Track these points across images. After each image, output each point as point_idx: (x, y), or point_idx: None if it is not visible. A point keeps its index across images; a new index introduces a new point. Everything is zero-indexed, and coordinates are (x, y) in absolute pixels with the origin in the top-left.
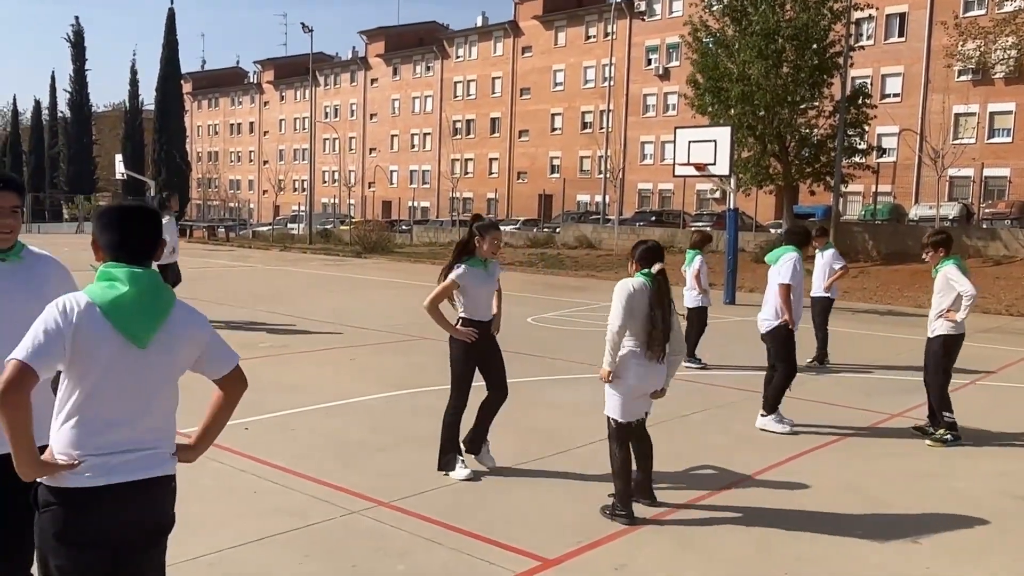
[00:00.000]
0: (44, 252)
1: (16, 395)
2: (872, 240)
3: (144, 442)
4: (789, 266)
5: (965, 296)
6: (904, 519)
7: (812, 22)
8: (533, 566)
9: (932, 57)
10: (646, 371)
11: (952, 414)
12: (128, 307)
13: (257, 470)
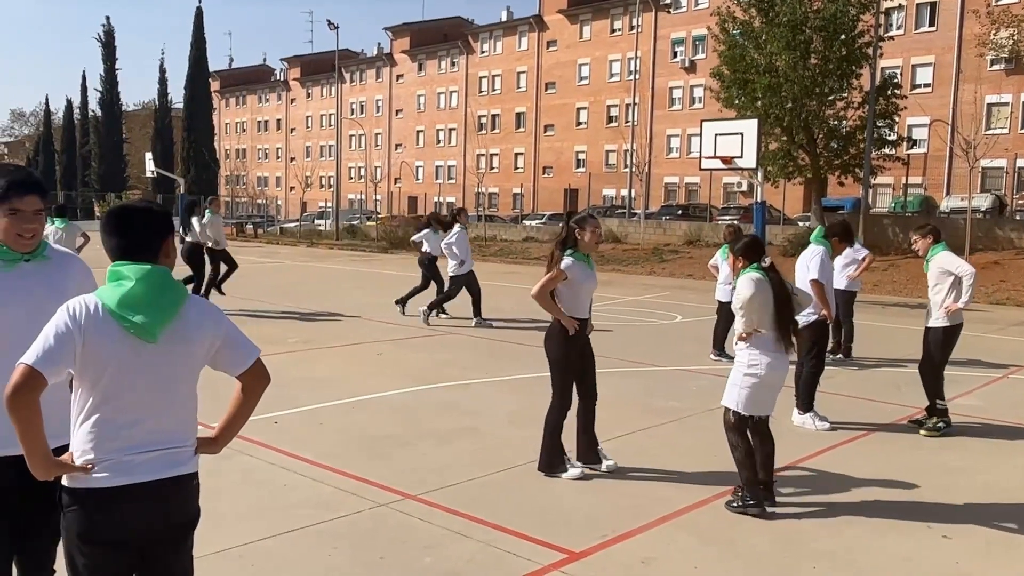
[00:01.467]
0: (67, 251)
1: (24, 398)
2: (903, 233)
3: (163, 441)
4: (817, 261)
5: (966, 276)
6: (933, 513)
7: (840, 12)
8: (560, 559)
9: (964, 46)
10: (777, 362)
11: (944, 402)
12: (135, 303)
13: (286, 463)
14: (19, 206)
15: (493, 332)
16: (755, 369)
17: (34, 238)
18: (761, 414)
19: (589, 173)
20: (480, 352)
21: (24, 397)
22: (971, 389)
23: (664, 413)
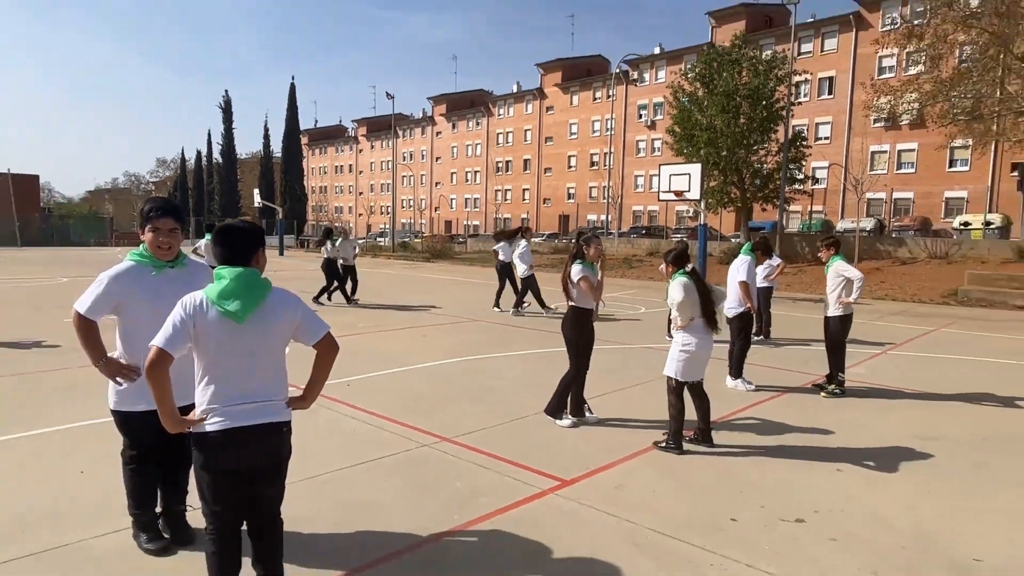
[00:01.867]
0: (200, 261)
1: (157, 370)
2: (808, 246)
3: (256, 396)
4: (744, 267)
5: (857, 280)
6: (830, 453)
7: (762, 85)
8: (555, 484)
9: (854, 109)
10: (704, 341)
11: (843, 374)
12: (229, 295)
13: (356, 415)
14: (158, 225)
15: (503, 319)
16: (688, 347)
17: (171, 249)
18: (694, 379)
19: (577, 203)
20: (495, 334)
21: (156, 370)
22: (859, 362)
23: (633, 379)
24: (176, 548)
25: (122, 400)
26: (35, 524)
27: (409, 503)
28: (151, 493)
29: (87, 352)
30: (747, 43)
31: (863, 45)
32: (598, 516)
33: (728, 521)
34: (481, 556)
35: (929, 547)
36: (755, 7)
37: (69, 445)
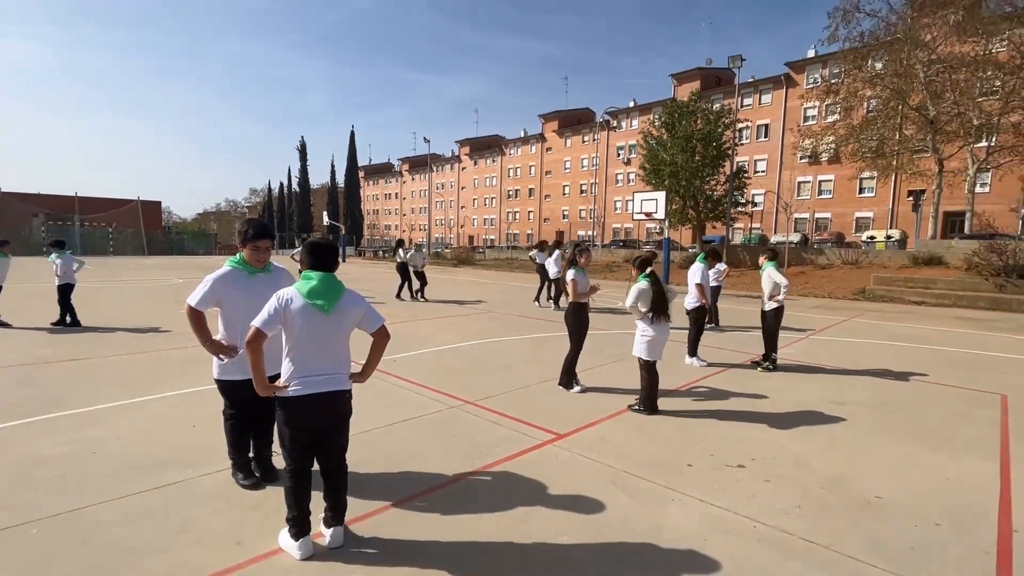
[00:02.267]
0: (282, 266)
1: (254, 345)
2: (749, 256)
3: (328, 370)
4: (699, 272)
5: (783, 285)
6: (764, 416)
7: (712, 131)
8: (552, 437)
9: (784, 149)
10: (660, 328)
11: (776, 354)
12: (316, 293)
13: (401, 384)
14: (257, 244)
15: (517, 309)
16: (647, 333)
17: (263, 261)
18: (654, 358)
19: (570, 222)
20: (510, 322)
21: (254, 345)
22: (788, 344)
23: (612, 357)
24: (264, 484)
25: (223, 371)
26: (162, 465)
27: (441, 451)
28: (245, 442)
29: (197, 335)
30: (701, 98)
31: (791, 99)
32: (585, 461)
33: (686, 466)
34: (496, 491)
35: (841, 487)
36: (707, 70)
37: (184, 406)
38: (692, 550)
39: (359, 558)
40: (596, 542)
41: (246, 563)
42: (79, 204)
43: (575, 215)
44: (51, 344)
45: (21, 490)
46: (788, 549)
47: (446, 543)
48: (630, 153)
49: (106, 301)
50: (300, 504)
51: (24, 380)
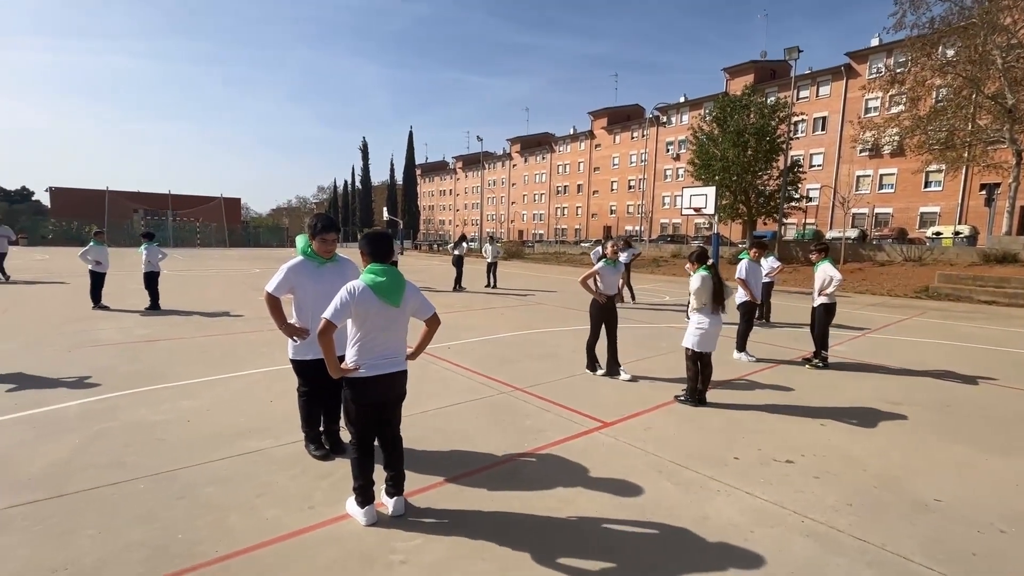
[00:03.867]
0: (346, 257)
1: (325, 336)
2: (802, 252)
3: (390, 354)
4: (742, 267)
5: (835, 280)
6: (815, 411)
7: (766, 124)
8: (599, 425)
9: (843, 142)
10: (714, 320)
11: (826, 351)
12: (385, 287)
13: (454, 370)
14: (325, 237)
15: (565, 302)
16: (702, 325)
17: (330, 252)
18: (706, 351)
19: (617, 217)
20: (557, 314)
21: (325, 336)
22: (841, 342)
23: (659, 350)
24: (332, 456)
25: (296, 352)
26: (244, 434)
27: (491, 433)
28: (316, 416)
29: (274, 319)
30: (755, 91)
31: (852, 90)
32: (631, 449)
33: (732, 459)
34: (544, 473)
35: (896, 487)
36: (761, 63)
37: (261, 383)
38: (736, 540)
39: (418, 527)
40: (640, 526)
41: (318, 525)
42: (172, 201)
43: (623, 210)
44: (147, 325)
45: (130, 450)
46: (837, 545)
47: (496, 518)
48: (679, 148)
49: (193, 288)
50: (365, 474)
51: (130, 356)
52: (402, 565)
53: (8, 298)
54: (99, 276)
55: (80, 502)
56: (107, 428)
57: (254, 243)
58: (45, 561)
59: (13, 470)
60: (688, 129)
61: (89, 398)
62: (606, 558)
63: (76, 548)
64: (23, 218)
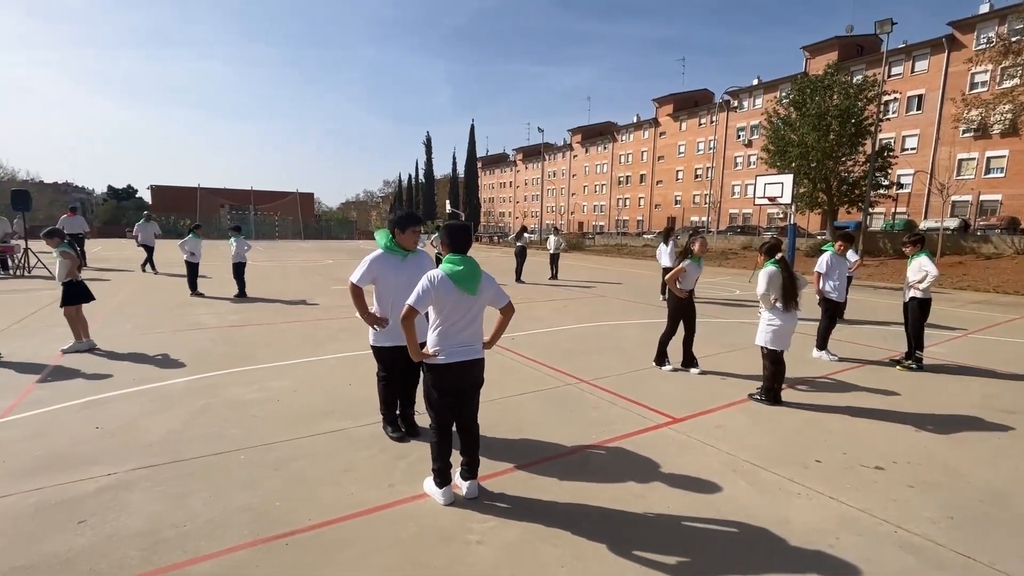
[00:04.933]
0: (423, 250)
1: (408, 321)
2: (890, 243)
3: (468, 342)
4: (822, 261)
5: (931, 276)
6: (909, 416)
7: (851, 105)
8: (668, 420)
9: (942, 122)
10: (787, 317)
11: (922, 352)
12: (463, 276)
13: (519, 360)
14: (415, 229)
15: (628, 295)
16: (773, 322)
17: (415, 243)
18: (780, 348)
19: (682, 208)
20: (620, 307)
21: (408, 321)
22: (938, 343)
23: (729, 346)
24: (408, 438)
25: (377, 339)
26: (327, 414)
27: (558, 423)
28: (394, 400)
29: (357, 307)
30: (839, 70)
31: (955, 64)
32: (702, 446)
33: (813, 462)
34: (613, 465)
35: (1005, 503)
36: (847, 39)
37: (340, 367)
38: (821, 546)
39: (492, 510)
40: (715, 524)
41: (398, 502)
42: (253, 196)
43: (688, 200)
44: (238, 312)
45: (230, 424)
46: (937, 560)
47: (567, 507)
48: (752, 134)
49: (274, 278)
50: (444, 457)
51: (225, 339)
52: (479, 545)
53: (120, 285)
54: (193, 266)
55: (192, 468)
56: (209, 404)
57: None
58: (167, 518)
59: (138, 436)
60: (762, 113)
61: (192, 376)
62: (681, 553)
63: (191, 509)
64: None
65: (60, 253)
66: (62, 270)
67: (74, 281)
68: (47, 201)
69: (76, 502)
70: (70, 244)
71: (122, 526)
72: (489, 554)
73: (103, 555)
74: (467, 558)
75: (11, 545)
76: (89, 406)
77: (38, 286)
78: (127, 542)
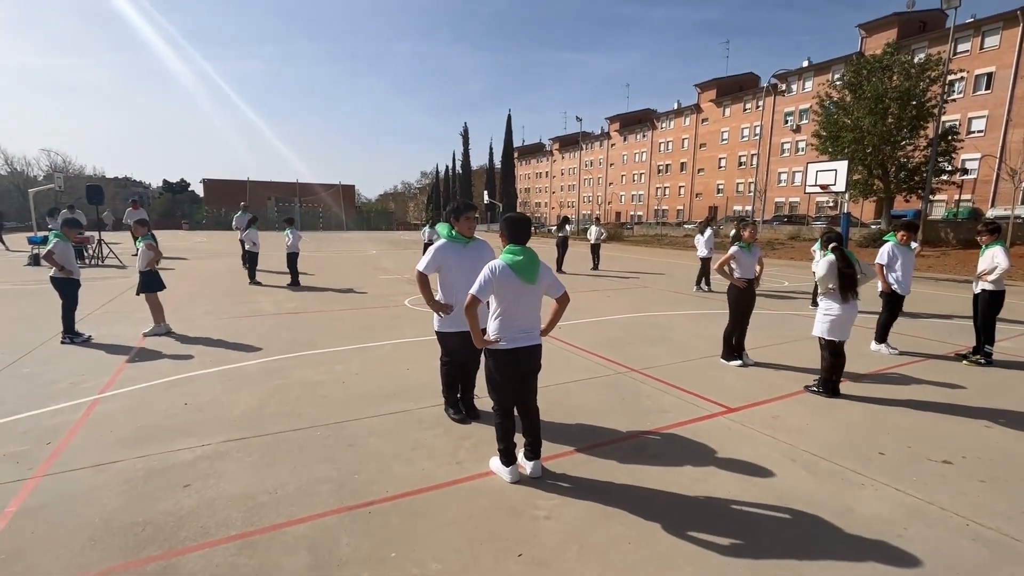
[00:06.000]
0: (481, 239)
1: (472, 310)
2: (952, 232)
3: (527, 328)
4: (883, 252)
5: (1001, 268)
6: (978, 412)
7: (912, 86)
8: (722, 410)
9: (1015, 102)
10: (844, 307)
11: (992, 346)
12: (522, 266)
13: (568, 349)
14: (468, 215)
15: (670, 285)
16: (830, 312)
17: (473, 228)
18: (838, 339)
19: (726, 196)
20: (663, 297)
21: (472, 309)
22: (1010, 337)
23: (784, 338)
24: (469, 420)
25: (441, 325)
26: (390, 396)
27: (612, 410)
28: (455, 384)
29: (423, 295)
30: (899, 49)
31: None
32: (759, 436)
33: (876, 454)
34: (669, 451)
35: None
36: (907, 15)
37: (398, 352)
38: (887, 536)
39: (555, 489)
40: (776, 511)
41: (467, 479)
42: (299, 188)
43: (731, 189)
44: (294, 299)
45: (302, 403)
46: (1013, 554)
47: (628, 489)
48: (800, 119)
49: (324, 267)
50: (508, 438)
51: (287, 325)
52: (546, 520)
53: (182, 274)
54: (254, 256)
55: (275, 442)
56: (282, 384)
57: (367, 227)
58: (260, 485)
59: (223, 412)
60: (813, 97)
61: (264, 358)
62: (741, 537)
63: (280, 477)
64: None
65: (145, 244)
66: (144, 259)
67: (153, 270)
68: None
69: (179, 468)
70: (153, 236)
71: (222, 491)
72: (558, 528)
73: (210, 515)
74: (538, 531)
75: (130, 503)
76: (176, 384)
77: (113, 274)
78: (229, 504)
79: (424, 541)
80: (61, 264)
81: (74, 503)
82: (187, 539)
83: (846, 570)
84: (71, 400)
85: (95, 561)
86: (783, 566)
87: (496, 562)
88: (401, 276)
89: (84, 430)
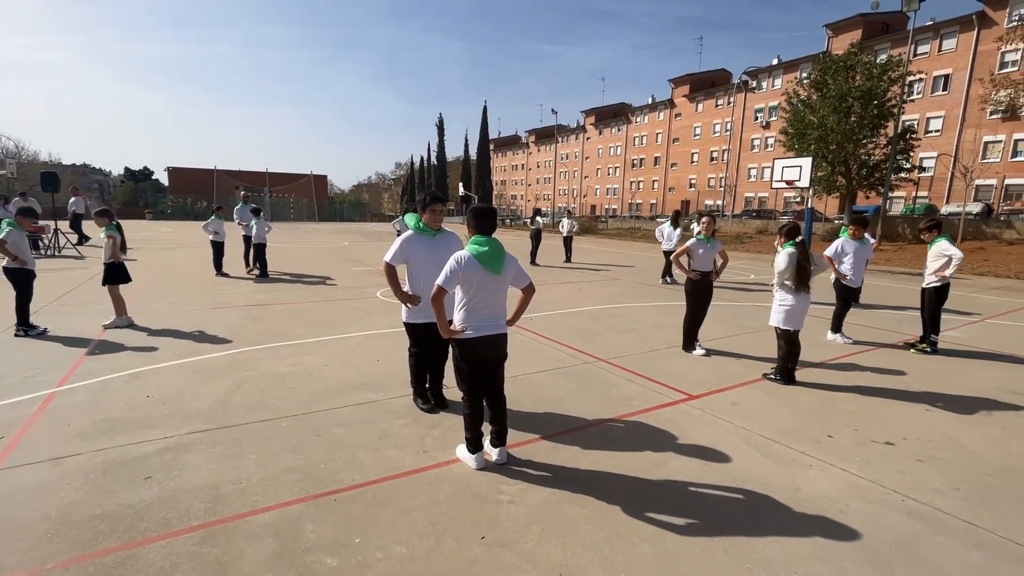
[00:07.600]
0: (451, 231)
1: (438, 300)
2: (909, 228)
3: (493, 317)
4: (833, 245)
5: (956, 258)
6: (921, 396)
7: (875, 86)
8: (684, 397)
9: (969, 103)
10: (799, 298)
11: (937, 335)
12: (488, 256)
13: (538, 340)
14: (435, 208)
15: (641, 278)
16: (785, 302)
17: (439, 222)
18: (793, 328)
19: (697, 191)
20: (634, 289)
21: (438, 300)
22: (954, 327)
23: (746, 328)
24: (438, 410)
25: (409, 315)
26: (359, 387)
27: (579, 399)
28: (423, 374)
29: (390, 286)
30: (863, 49)
31: (984, 42)
32: (718, 421)
33: (825, 437)
34: (633, 437)
35: (1014, 477)
36: (872, 15)
37: (366, 344)
38: (830, 513)
39: (520, 475)
40: (729, 491)
41: (433, 466)
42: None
43: (703, 184)
44: (262, 291)
45: (269, 395)
46: (941, 525)
47: (590, 473)
48: (770, 116)
49: (294, 259)
50: (476, 427)
51: (254, 317)
52: (510, 504)
53: (146, 265)
54: (219, 245)
55: (240, 433)
56: (248, 376)
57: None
58: (225, 475)
59: (186, 404)
60: (781, 95)
61: (231, 350)
62: (697, 516)
63: (245, 468)
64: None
65: (107, 234)
66: (107, 251)
67: (117, 263)
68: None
69: (140, 461)
70: (117, 227)
71: (184, 482)
72: (521, 511)
73: (171, 506)
74: (501, 515)
75: (89, 496)
76: (137, 377)
77: (70, 265)
78: (191, 495)
79: (389, 526)
80: (14, 254)
81: (30, 497)
82: (147, 530)
83: (792, 545)
84: (26, 394)
85: (52, 554)
86: (734, 543)
87: (459, 545)
88: (373, 267)
89: (40, 424)
